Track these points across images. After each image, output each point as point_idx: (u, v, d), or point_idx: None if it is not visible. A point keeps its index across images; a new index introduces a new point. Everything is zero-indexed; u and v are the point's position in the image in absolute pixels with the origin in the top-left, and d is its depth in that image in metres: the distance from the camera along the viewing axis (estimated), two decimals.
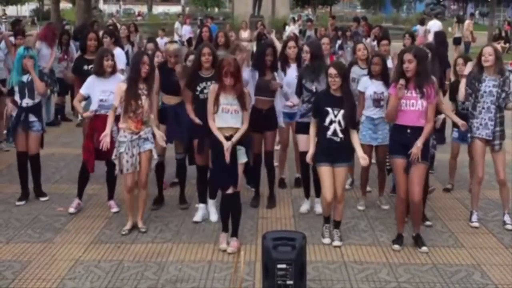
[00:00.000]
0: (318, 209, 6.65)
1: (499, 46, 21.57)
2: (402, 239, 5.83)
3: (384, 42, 8.41)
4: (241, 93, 5.65)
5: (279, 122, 6.94)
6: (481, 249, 5.81)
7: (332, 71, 5.68)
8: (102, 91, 6.38)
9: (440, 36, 9.84)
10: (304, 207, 6.77)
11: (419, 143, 5.50)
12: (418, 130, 5.55)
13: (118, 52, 8.35)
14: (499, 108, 6.20)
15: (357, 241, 5.96)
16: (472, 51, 22.09)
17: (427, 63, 5.70)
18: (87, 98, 6.59)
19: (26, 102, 6.75)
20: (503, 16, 52.06)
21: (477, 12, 46.13)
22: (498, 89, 6.15)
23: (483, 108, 6.19)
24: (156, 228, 6.23)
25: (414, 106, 5.53)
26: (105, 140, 5.90)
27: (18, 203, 6.89)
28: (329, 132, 5.68)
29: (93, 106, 6.45)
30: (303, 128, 6.41)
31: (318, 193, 6.65)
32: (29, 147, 6.89)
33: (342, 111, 5.66)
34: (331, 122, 5.66)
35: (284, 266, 4.54)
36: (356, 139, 5.83)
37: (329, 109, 5.67)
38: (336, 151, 5.71)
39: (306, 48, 6.70)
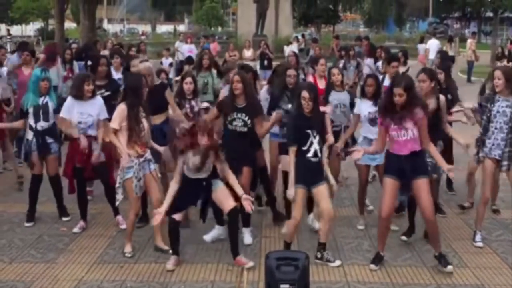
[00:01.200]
0: (316, 225, 6.59)
1: (502, 65, 21.74)
2: (380, 259, 5.80)
3: (394, 63, 8.45)
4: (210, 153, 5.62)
5: None
6: (485, 269, 5.78)
7: (305, 94, 5.64)
8: (81, 113, 6.44)
9: (442, 54, 9.95)
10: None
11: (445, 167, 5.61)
12: (413, 155, 5.50)
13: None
14: (511, 129, 6.20)
15: (360, 261, 5.93)
16: (475, 70, 22.22)
17: (415, 90, 5.59)
18: None
19: (41, 125, 6.71)
20: (506, 35, 52.26)
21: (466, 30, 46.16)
22: (511, 109, 6.16)
23: (495, 128, 6.19)
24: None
25: (406, 136, 5.48)
26: (124, 163, 5.87)
27: (27, 224, 6.85)
28: (310, 154, 5.65)
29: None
30: (286, 148, 6.49)
31: (311, 209, 6.66)
32: (49, 168, 6.89)
33: (318, 132, 5.70)
34: (311, 144, 5.65)
35: (287, 286, 4.53)
36: (326, 155, 5.84)
37: (309, 131, 5.67)
38: (313, 173, 5.70)
39: (293, 72, 6.77)
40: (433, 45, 21.86)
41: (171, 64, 16.73)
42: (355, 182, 7.52)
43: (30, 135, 6.76)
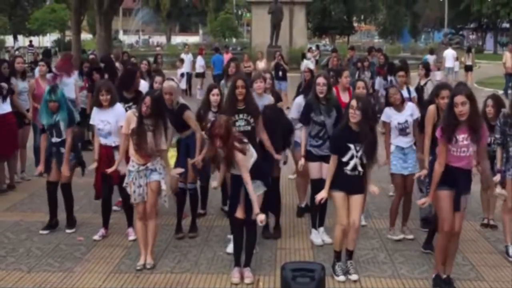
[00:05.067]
0: (327, 238, 6.58)
1: None
2: (441, 281, 5.54)
3: (401, 73, 8.59)
4: (228, 154, 5.57)
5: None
6: (503, 283, 5.72)
7: (353, 103, 5.56)
8: (101, 121, 6.66)
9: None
10: (318, 239, 6.66)
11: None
12: (467, 173, 5.38)
13: (142, 83, 8.52)
14: None
15: (376, 273, 5.90)
16: (491, 81, 22.09)
17: (477, 103, 5.31)
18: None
19: (55, 140, 6.91)
20: None
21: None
22: None
23: None
24: (174, 258, 6.25)
25: (465, 153, 5.28)
26: (120, 169, 6.12)
27: (42, 232, 6.95)
28: (348, 167, 5.58)
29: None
30: (313, 157, 6.52)
31: (322, 222, 6.67)
32: (61, 176, 7.00)
33: (363, 147, 5.58)
34: (352, 157, 5.58)
35: None
36: (370, 173, 5.78)
37: (351, 145, 5.57)
38: (352, 184, 5.65)
39: (323, 80, 6.59)
40: (448, 54, 23.60)
41: (182, 75, 16.91)
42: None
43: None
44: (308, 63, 19.01)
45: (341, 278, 5.70)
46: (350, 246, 5.81)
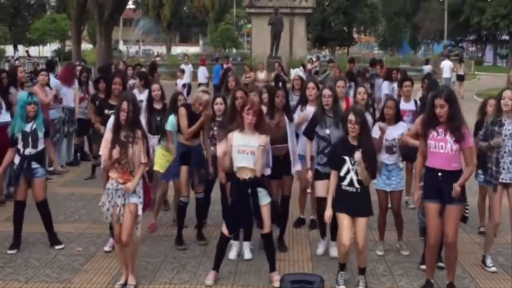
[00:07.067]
0: (333, 253, 6.51)
1: None
2: (431, 286, 5.64)
3: (406, 83, 8.57)
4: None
5: (296, 168, 6.87)
6: None
7: (352, 117, 5.55)
8: None
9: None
10: (320, 249, 6.70)
11: (457, 186, 5.36)
12: (449, 174, 5.36)
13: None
14: None
15: (376, 285, 5.89)
16: (488, 93, 22.13)
17: (459, 105, 5.45)
18: None
19: (29, 151, 6.57)
20: None
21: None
22: None
23: (505, 152, 6.11)
24: (173, 269, 6.23)
25: (443, 149, 5.36)
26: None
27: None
28: (345, 183, 5.59)
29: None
30: (320, 175, 6.45)
31: (334, 236, 6.54)
32: (35, 194, 6.71)
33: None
34: (348, 171, 5.57)
35: None
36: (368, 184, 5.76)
37: (346, 158, 5.58)
38: (353, 203, 5.60)
39: (328, 92, 6.57)
40: (446, 65, 24.60)
41: (184, 85, 16.92)
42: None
43: (17, 159, 6.62)
44: (297, 71, 19.10)
45: (342, 287, 5.73)
46: (360, 264, 5.81)
